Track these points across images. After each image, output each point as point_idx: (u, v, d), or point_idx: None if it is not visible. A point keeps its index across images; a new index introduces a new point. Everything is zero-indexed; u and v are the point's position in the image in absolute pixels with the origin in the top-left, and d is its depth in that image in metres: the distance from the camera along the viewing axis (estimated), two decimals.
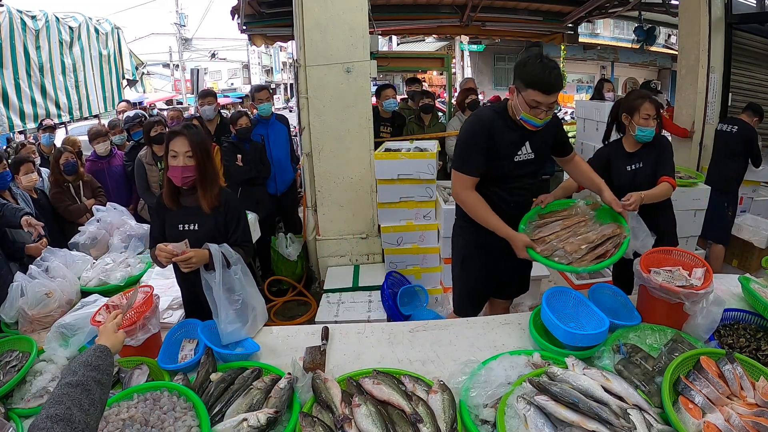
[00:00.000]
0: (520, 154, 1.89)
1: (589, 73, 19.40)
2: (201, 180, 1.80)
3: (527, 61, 1.74)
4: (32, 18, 5.64)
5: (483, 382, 1.33)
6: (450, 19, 6.23)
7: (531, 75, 1.70)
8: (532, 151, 1.91)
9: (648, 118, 2.27)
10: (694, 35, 4.44)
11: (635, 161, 2.37)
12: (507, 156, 1.88)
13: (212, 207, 1.83)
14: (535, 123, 1.77)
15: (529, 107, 1.73)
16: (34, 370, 1.60)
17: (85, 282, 2.32)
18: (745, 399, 1.23)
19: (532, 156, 1.92)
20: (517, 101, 1.77)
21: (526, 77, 1.71)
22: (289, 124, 4.43)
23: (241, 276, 1.73)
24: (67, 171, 3.38)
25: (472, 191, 1.91)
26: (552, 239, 1.83)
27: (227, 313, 1.68)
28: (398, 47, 15.98)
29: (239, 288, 1.73)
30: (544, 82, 1.68)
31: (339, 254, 3.85)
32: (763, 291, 1.73)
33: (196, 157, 1.77)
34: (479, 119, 1.89)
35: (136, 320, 1.60)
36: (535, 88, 1.69)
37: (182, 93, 19.94)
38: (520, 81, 1.74)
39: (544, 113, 1.74)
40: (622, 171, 2.39)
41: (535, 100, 1.71)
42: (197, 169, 1.78)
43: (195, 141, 1.77)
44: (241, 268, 1.75)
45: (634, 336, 1.60)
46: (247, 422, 1.22)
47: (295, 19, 3.51)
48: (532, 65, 1.71)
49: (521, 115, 1.77)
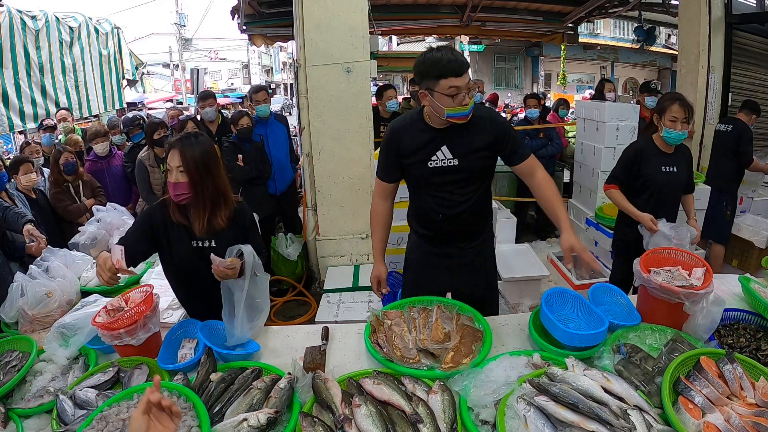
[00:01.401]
0: (435, 159, 1.74)
1: (589, 73, 19.43)
2: (195, 199, 1.65)
3: (424, 59, 1.64)
4: (32, 18, 5.65)
5: (483, 382, 1.33)
6: (450, 19, 6.23)
7: (436, 66, 1.60)
8: (454, 157, 1.73)
9: (675, 121, 2.26)
10: (694, 35, 4.44)
11: (670, 164, 2.40)
12: (419, 161, 1.76)
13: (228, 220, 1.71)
14: (464, 113, 1.64)
15: (450, 98, 1.60)
16: (34, 370, 1.60)
17: (85, 282, 2.32)
18: (745, 399, 1.23)
19: (455, 163, 1.74)
20: (434, 102, 1.64)
21: (433, 70, 1.60)
22: (289, 124, 4.44)
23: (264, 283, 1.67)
24: (67, 171, 3.39)
25: (380, 200, 1.92)
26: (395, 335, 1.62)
27: (243, 318, 1.64)
28: (398, 47, 15.97)
29: (258, 295, 1.67)
30: (452, 66, 1.58)
31: (339, 254, 3.85)
32: (763, 291, 1.73)
33: (189, 172, 1.61)
34: (391, 129, 1.82)
35: (136, 319, 1.60)
36: (447, 75, 1.58)
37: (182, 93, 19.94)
38: (428, 78, 1.62)
39: (466, 97, 1.61)
40: (657, 169, 2.41)
41: (453, 86, 1.59)
42: (190, 187, 1.62)
43: (188, 155, 1.60)
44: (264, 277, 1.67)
45: (634, 336, 1.60)
46: (247, 422, 1.22)
47: (295, 19, 3.52)
48: (431, 58, 1.62)
49: (446, 113, 1.63)
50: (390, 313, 1.72)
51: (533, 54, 19.20)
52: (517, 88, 19.55)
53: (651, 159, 2.41)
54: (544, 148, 4.75)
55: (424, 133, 1.75)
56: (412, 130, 1.77)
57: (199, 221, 1.69)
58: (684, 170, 2.44)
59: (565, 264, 1.89)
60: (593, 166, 4.14)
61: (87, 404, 1.40)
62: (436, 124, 1.74)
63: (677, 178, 2.41)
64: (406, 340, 1.59)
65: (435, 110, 1.67)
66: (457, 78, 1.59)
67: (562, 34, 6.91)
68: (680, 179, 2.42)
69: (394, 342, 1.57)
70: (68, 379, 1.56)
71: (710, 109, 4.52)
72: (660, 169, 2.40)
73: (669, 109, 2.28)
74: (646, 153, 2.44)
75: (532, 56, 19.46)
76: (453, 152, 1.74)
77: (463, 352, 1.51)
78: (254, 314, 1.70)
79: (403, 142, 1.77)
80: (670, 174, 2.40)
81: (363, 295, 3.31)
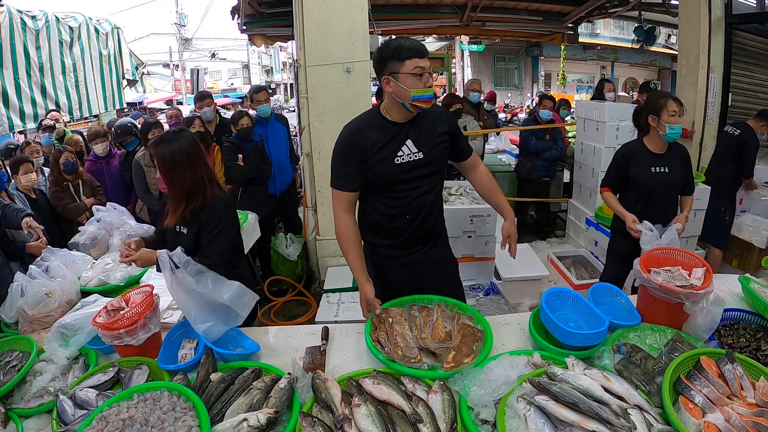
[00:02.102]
0: (401, 154, 1.71)
1: (589, 73, 19.42)
2: (169, 194, 1.82)
3: (387, 44, 1.65)
4: (32, 18, 5.65)
5: (483, 382, 1.33)
6: (450, 19, 6.24)
7: (401, 49, 1.60)
8: (418, 149, 1.72)
9: (675, 115, 2.28)
10: (694, 35, 4.44)
11: (661, 164, 2.38)
12: (384, 159, 1.70)
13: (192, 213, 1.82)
14: (429, 95, 1.64)
15: (416, 77, 1.60)
16: (34, 370, 1.60)
17: (85, 282, 2.32)
18: (745, 399, 1.23)
19: (420, 156, 1.72)
20: (399, 86, 1.62)
21: (398, 53, 1.60)
22: (289, 124, 4.43)
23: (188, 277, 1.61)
24: (67, 171, 3.39)
25: (346, 214, 1.77)
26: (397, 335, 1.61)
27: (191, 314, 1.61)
28: None
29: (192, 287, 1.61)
30: (414, 47, 1.60)
31: (339, 254, 3.83)
32: (763, 291, 1.73)
33: (161, 171, 1.78)
34: (345, 129, 1.75)
35: (136, 320, 1.60)
36: (412, 56, 1.59)
37: (182, 93, 19.94)
38: (393, 61, 1.62)
39: (430, 79, 1.63)
40: (646, 171, 2.40)
41: (418, 66, 1.60)
42: (164, 184, 1.80)
43: (159, 155, 1.76)
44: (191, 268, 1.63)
45: (634, 336, 1.60)
46: (247, 422, 1.22)
47: (295, 19, 3.52)
48: (393, 44, 1.63)
49: (412, 95, 1.61)
50: (391, 311, 1.72)
51: (533, 54, 19.20)
52: (517, 88, 19.55)
53: (640, 160, 2.42)
54: (548, 151, 4.73)
55: (385, 130, 1.71)
56: (372, 128, 1.71)
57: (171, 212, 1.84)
58: (678, 171, 2.41)
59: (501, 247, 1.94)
60: (593, 166, 4.14)
61: (87, 404, 1.40)
62: (397, 117, 1.71)
63: (668, 179, 2.39)
64: (407, 338, 1.59)
65: (399, 95, 1.64)
66: (422, 59, 1.61)
67: (562, 34, 6.92)
68: (672, 180, 2.39)
69: (396, 340, 1.57)
70: (68, 379, 1.56)
71: (710, 109, 4.52)
72: (649, 170, 2.39)
73: (667, 106, 2.29)
74: (635, 155, 2.44)
75: (532, 56, 19.46)
76: (417, 145, 1.72)
77: (464, 351, 1.52)
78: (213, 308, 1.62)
79: (365, 143, 1.69)
80: (661, 175, 2.39)
81: None
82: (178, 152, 1.76)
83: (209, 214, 1.82)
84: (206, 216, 1.82)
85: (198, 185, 1.80)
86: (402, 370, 1.47)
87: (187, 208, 1.81)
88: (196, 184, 1.79)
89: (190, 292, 1.61)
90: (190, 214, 1.82)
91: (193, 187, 1.79)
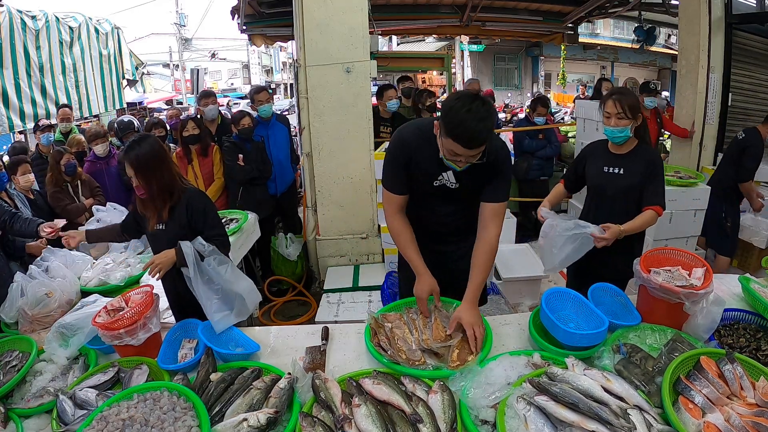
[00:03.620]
0: (441, 179, 1.72)
1: (589, 73, 19.42)
2: (147, 196, 1.88)
3: (455, 104, 1.45)
4: (32, 18, 5.65)
5: (483, 382, 1.33)
6: (450, 19, 6.23)
7: (452, 123, 1.43)
8: (456, 181, 1.71)
9: (609, 117, 2.09)
10: (694, 35, 4.44)
11: (617, 166, 2.17)
12: (425, 178, 1.72)
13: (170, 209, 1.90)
14: (454, 168, 1.59)
15: (448, 154, 1.52)
16: (34, 370, 1.60)
17: (85, 282, 2.32)
18: (745, 399, 1.23)
19: (455, 185, 1.72)
20: (439, 139, 1.56)
21: (449, 125, 1.45)
22: (290, 125, 4.44)
23: (215, 266, 1.76)
24: (68, 172, 3.39)
25: (399, 216, 1.78)
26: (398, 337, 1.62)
27: (211, 303, 1.72)
28: (398, 47, 15.97)
29: (216, 277, 1.76)
30: (466, 137, 1.42)
31: (339, 254, 3.85)
32: (763, 291, 1.73)
33: (138, 177, 1.83)
34: (402, 140, 1.71)
35: (136, 320, 1.60)
36: (455, 140, 1.44)
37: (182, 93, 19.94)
38: (443, 126, 1.48)
39: (463, 161, 1.53)
40: (598, 170, 2.21)
41: (453, 151, 1.48)
42: (144, 188, 1.86)
43: (133, 160, 1.82)
44: (216, 258, 1.78)
45: (634, 336, 1.60)
46: (247, 422, 1.22)
47: (295, 19, 3.52)
48: (458, 111, 1.42)
49: (441, 155, 1.57)
50: (389, 316, 1.72)
51: (533, 54, 19.21)
52: (517, 88, 19.56)
53: (596, 159, 2.25)
54: (542, 150, 4.77)
55: (434, 155, 1.62)
56: (425, 148, 1.66)
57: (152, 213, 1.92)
58: (635, 175, 2.11)
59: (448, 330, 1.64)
60: None
61: (87, 404, 1.40)
62: None
63: (621, 182, 2.14)
64: (409, 341, 1.59)
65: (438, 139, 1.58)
66: (462, 148, 1.46)
67: (562, 34, 6.91)
68: (625, 183, 2.13)
69: (398, 345, 1.57)
70: (68, 379, 1.57)
71: (710, 109, 4.52)
72: (602, 169, 2.20)
73: (604, 105, 2.14)
74: (594, 153, 2.29)
75: (532, 56, 19.47)
76: (456, 178, 1.71)
77: (467, 349, 1.52)
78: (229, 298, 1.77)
79: (414, 158, 1.69)
80: (612, 175, 2.17)
81: (363, 295, 3.31)
82: (150, 153, 1.84)
83: (191, 207, 1.90)
84: (189, 210, 1.89)
85: (173, 181, 1.90)
86: (402, 370, 1.47)
87: (168, 206, 1.89)
88: (172, 180, 1.89)
89: (213, 283, 1.74)
90: (169, 212, 1.90)
91: (170, 184, 1.89)
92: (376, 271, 3.63)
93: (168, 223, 1.91)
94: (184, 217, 1.89)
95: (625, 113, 2.05)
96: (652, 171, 2.08)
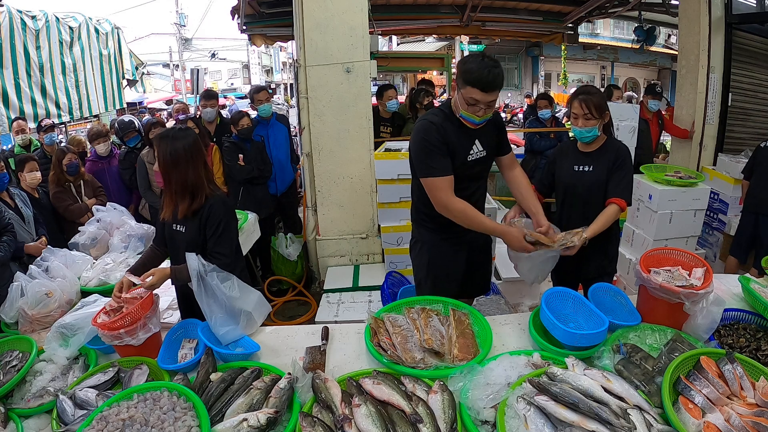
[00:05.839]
0: (473, 153, 1.88)
1: (589, 73, 19.43)
2: (166, 189, 1.86)
3: (468, 59, 1.74)
4: (32, 18, 5.65)
5: (483, 382, 1.33)
6: (450, 19, 6.23)
7: (470, 72, 1.69)
8: (483, 148, 1.91)
9: (576, 118, 2.09)
10: (694, 35, 4.43)
11: (585, 163, 2.17)
12: (461, 156, 1.86)
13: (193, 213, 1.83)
14: (473, 120, 1.77)
15: (467, 104, 1.73)
16: (34, 370, 1.60)
17: (85, 282, 2.32)
18: (745, 399, 1.23)
19: (483, 153, 1.92)
20: (457, 99, 1.77)
21: (466, 75, 1.70)
22: (290, 124, 4.44)
23: (218, 283, 1.68)
24: (71, 172, 3.39)
25: (453, 197, 1.83)
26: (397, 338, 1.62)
27: (216, 318, 1.67)
28: (398, 47, 15.99)
29: (220, 294, 1.68)
30: (483, 80, 1.67)
31: (339, 254, 3.85)
32: (763, 291, 1.73)
33: (161, 165, 1.81)
34: (431, 124, 1.83)
35: (136, 320, 1.60)
36: (474, 86, 1.68)
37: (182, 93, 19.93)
38: (460, 78, 1.73)
39: (482, 111, 1.74)
40: (568, 169, 2.21)
41: (473, 98, 1.70)
42: (163, 179, 1.84)
43: (162, 150, 1.80)
44: (219, 275, 1.70)
45: (634, 336, 1.60)
46: (247, 422, 1.22)
47: (295, 19, 3.52)
48: (472, 62, 1.70)
49: (460, 113, 1.78)
50: (390, 317, 1.72)
51: (533, 54, 19.21)
52: (517, 88, 19.55)
53: (565, 158, 2.26)
54: (551, 149, 4.75)
55: (461, 129, 1.84)
56: (451, 126, 1.84)
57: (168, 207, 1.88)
58: (604, 171, 2.11)
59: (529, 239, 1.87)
60: None
61: (87, 404, 1.40)
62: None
63: (589, 178, 2.14)
64: (410, 344, 1.59)
65: (455, 106, 1.81)
66: (481, 93, 1.69)
67: (562, 34, 6.91)
68: (593, 179, 2.13)
69: (404, 346, 1.57)
70: (68, 379, 1.57)
71: (710, 109, 4.51)
72: (572, 168, 2.20)
73: (571, 105, 2.15)
74: (563, 153, 2.30)
75: (532, 56, 19.47)
76: (483, 144, 1.90)
77: (468, 344, 1.53)
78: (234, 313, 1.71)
79: (449, 137, 1.82)
80: (581, 173, 2.17)
81: (363, 295, 3.31)
82: (181, 149, 1.79)
83: (209, 213, 1.83)
84: (206, 216, 1.82)
85: (199, 183, 1.83)
86: (402, 370, 1.47)
87: (190, 207, 1.82)
88: (197, 182, 1.82)
89: (217, 297, 1.67)
90: (192, 213, 1.83)
91: (194, 185, 1.82)
92: (376, 271, 3.63)
93: (188, 226, 1.85)
94: (203, 222, 1.84)
95: (592, 113, 2.07)
96: (616, 163, 2.10)
